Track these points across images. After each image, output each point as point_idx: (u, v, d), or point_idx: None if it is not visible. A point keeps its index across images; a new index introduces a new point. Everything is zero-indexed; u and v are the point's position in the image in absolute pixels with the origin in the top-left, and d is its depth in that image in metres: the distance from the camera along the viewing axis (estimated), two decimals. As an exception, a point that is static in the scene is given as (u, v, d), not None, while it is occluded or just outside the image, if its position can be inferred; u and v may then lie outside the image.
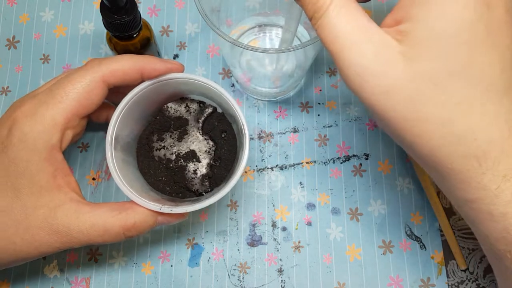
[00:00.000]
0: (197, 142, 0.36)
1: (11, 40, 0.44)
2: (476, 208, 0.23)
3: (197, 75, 0.34)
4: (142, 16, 0.36)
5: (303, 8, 0.25)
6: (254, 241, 0.38)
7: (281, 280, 0.37)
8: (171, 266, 0.38)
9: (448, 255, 0.38)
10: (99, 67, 0.31)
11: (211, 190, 0.35)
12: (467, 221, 0.25)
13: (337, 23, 0.23)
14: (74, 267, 0.38)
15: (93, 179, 0.40)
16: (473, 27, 0.21)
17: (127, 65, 0.32)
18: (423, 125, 0.23)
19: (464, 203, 0.24)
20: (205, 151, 0.35)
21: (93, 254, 0.38)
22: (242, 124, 0.32)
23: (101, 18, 0.34)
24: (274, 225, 0.39)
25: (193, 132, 0.36)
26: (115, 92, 0.34)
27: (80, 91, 0.31)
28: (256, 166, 0.40)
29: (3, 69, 0.43)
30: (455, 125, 0.22)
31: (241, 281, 0.38)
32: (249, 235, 0.39)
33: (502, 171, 0.22)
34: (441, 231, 0.38)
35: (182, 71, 0.34)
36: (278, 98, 0.41)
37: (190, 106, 0.36)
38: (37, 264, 0.38)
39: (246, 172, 0.40)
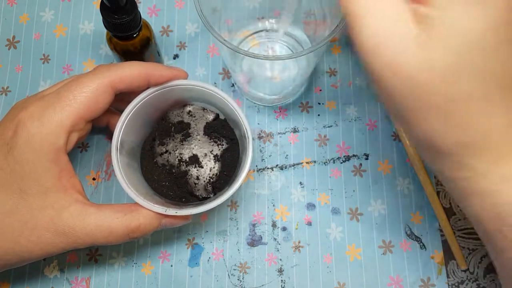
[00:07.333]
0: (199, 148, 0.36)
1: (11, 40, 0.44)
2: (465, 185, 0.25)
3: (200, 81, 0.34)
4: (142, 16, 0.36)
5: None
6: (254, 241, 0.38)
7: (281, 280, 0.37)
8: (171, 266, 0.38)
9: (448, 255, 0.38)
10: (108, 72, 0.32)
11: (214, 195, 0.35)
12: (457, 200, 0.26)
13: None
14: (74, 267, 0.38)
15: (93, 179, 0.40)
16: (496, 30, 0.21)
17: (135, 71, 0.32)
18: (426, 111, 0.23)
19: (452, 180, 0.25)
20: (208, 156, 0.35)
21: (93, 254, 0.38)
22: (246, 129, 0.33)
23: (101, 18, 0.34)
24: (274, 225, 0.39)
25: (195, 138, 0.36)
26: (119, 100, 0.34)
27: (89, 95, 0.31)
28: (256, 166, 0.40)
29: (3, 69, 0.43)
30: (457, 116, 0.23)
31: (241, 281, 0.38)
32: (249, 235, 0.39)
33: (495, 156, 0.23)
34: (441, 231, 0.38)
35: (186, 78, 0.34)
36: (278, 103, 0.41)
37: (193, 112, 0.37)
38: (37, 264, 0.38)
39: (246, 172, 0.40)
